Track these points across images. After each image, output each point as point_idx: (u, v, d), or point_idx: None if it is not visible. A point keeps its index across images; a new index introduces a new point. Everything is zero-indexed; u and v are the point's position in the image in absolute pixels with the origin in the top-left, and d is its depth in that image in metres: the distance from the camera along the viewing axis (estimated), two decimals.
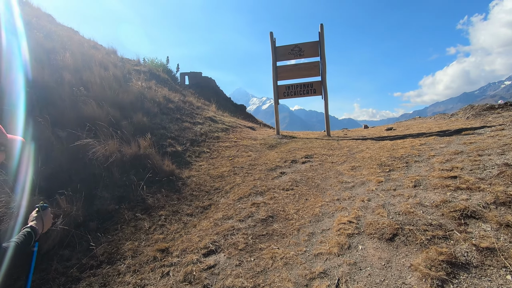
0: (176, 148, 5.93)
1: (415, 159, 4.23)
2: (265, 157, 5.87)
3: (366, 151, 5.35)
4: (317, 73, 8.27)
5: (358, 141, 6.59)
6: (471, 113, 7.80)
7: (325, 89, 8.17)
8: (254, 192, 4.05)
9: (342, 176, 4.23)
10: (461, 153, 4.01)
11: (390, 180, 3.66)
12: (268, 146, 6.97)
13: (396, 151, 4.92)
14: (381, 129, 9.17)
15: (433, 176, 3.44)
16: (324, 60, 8.15)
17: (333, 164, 4.90)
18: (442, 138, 5.21)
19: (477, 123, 6.30)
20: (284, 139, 7.94)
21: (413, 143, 5.26)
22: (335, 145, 6.38)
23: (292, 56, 8.40)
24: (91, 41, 14.43)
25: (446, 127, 6.70)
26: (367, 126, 11.72)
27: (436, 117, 10.80)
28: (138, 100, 7.72)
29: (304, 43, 8.29)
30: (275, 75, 8.53)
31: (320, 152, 5.80)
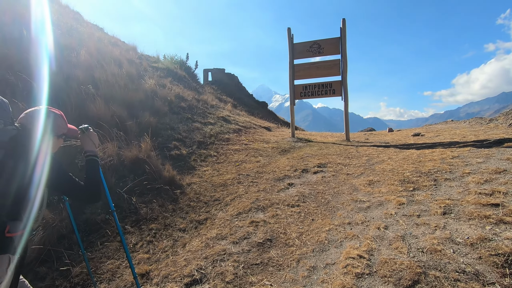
0: (181, 151, 5.64)
1: (446, 176, 3.61)
2: (274, 164, 5.42)
3: (387, 162, 4.74)
4: (337, 72, 7.65)
5: (380, 148, 5.95)
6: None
7: (345, 90, 7.53)
8: (256, 207, 3.63)
9: (357, 192, 3.69)
10: (504, 172, 3.34)
11: (414, 202, 3.10)
12: (280, 150, 6.50)
13: (423, 164, 4.29)
14: (407, 134, 8.37)
15: (468, 201, 2.84)
16: (346, 59, 7.51)
17: (348, 176, 4.36)
18: (479, 150, 4.49)
19: None
20: (298, 142, 7.43)
21: (443, 154, 4.58)
22: (353, 152, 5.79)
23: (311, 53, 7.83)
24: (113, 38, 14.59)
25: (483, 135, 5.87)
26: (392, 129, 10.87)
27: (471, 122, 9.76)
28: (148, 99, 7.54)
29: (324, 39, 7.69)
30: (292, 73, 8.01)
31: (335, 160, 5.25)
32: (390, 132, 10.27)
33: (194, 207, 3.89)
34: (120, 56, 9.86)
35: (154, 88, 8.43)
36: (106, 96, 6.18)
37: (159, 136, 6.00)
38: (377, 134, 10.06)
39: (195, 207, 3.89)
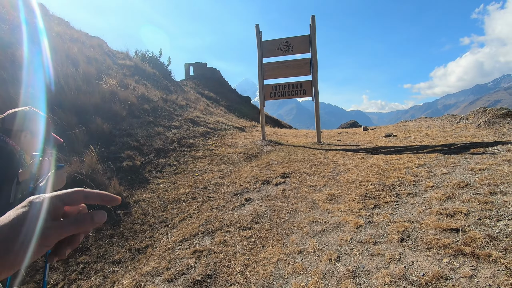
0: (134, 161, 5.15)
1: (409, 191, 3.36)
2: (236, 174, 5.05)
3: (353, 171, 4.48)
4: (307, 71, 7.33)
5: (348, 153, 5.70)
6: (483, 119, 6.79)
7: (316, 90, 7.23)
8: (204, 231, 3.25)
9: (316, 210, 3.39)
10: (467, 186, 3.12)
11: (372, 224, 2.82)
12: (246, 156, 6.14)
13: (388, 174, 4.05)
14: (379, 134, 8.22)
15: (428, 224, 2.58)
16: (316, 58, 7.19)
17: (311, 189, 4.06)
18: (445, 157, 4.30)
19: (490, 135, 5.34)
20: (268, 146, 7.09)
21: (410, 162, 4.37)
22: (320, 158, 5.51)
23: (280, 52, 7.46)
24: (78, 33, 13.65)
25: (452, 138, 5.75)
26: (366, 128, 10.76)
27: (443, 120, 9.76)
28: (105, 102, 6.95)
29: (293, 37, 7.32)
30: (261, 73, 7.62)
31: (301, 169, 4.95)
32: (364, 131, 10.14)
33: (136, 232, 3.46)
34: (79, 53, 9.11)
35: (114, 89, 7.81)
36: (51, 101, 5.57)
37: (111, 145, 5.48)
38: (352, 133, 9.89)
39: (138, 231, 3.46)
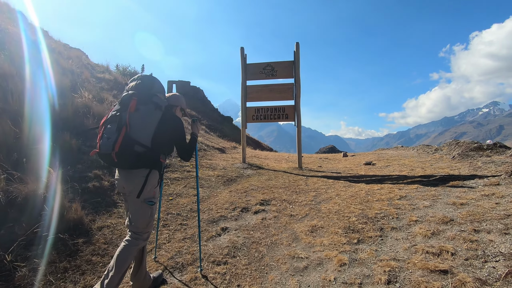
0: (102, 182, 4.73)
1: (392, 224, 3.24)
2: (213, 199, 4.76)
3: (335, 200, 4.34)
4: (290, 96, 7.36)
5: (330, 181, 5.60)
6: (457, 151, 7.02)
7: (298, 115, 7.23)
8: (173, 266, 2.91)
9: (297, 243, 3.16)
10: (451, 222, 3.05)
11: (356, 262, 2.63)
12: (225, 180, 5.87)
13: (371, 205, 3.94)
14: (359, 162, 8.27)
15: (415, 263, 2.42)
16: (299, 83, 7.26)
17: (292, 218, 3.85)
18: (426, 189, 4.28)
19: (465, 167, 5.46)
20: (248, 169, 6.88)
21: (391, 193, 4.31)
22: (301, 185, 5.36)
23: (264, 75, 7.48)
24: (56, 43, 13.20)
25: (430, 169, 5.83)
26: (346, 154, 10.87)
27: (418, 150, 10.07)
28: (77, 116, 6.52)
29: (278, 62, 7.40)
30: (244, 95, 7.55)
31: (281, 196, 4.75)
32: (344, 158, 10.21)
33: (96, 264, 3.04)
34: (54, 64, 8.67)
35: (88, 103, 7.39)
36: (14, 115, 5.10)
37: (79, 163, 5.04)
38: (332, 159, 9.93)
39: (98, 264, 3.05)
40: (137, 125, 2.08)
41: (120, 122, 2.04)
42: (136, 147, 2.03)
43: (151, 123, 2.12)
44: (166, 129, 2.20)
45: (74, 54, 12.52)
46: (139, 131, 2.07)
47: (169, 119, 2.25)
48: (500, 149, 6.18)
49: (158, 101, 2.23)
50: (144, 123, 2.11)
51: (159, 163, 2.23)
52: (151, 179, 2.17)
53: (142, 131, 2.08)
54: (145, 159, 2.10)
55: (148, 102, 2.18)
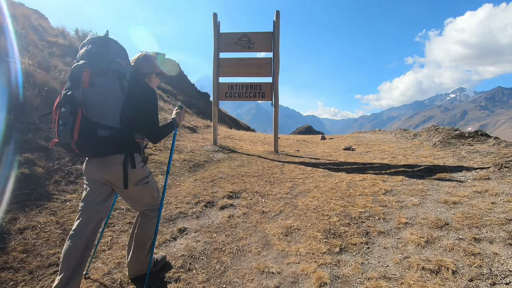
0: (35, 168, 3.86)
1: (379, 228, 2.77)
2: (174, 190, 4.09)
3: (313, 193, 3.83)
4: (268, 72, 6.62)
5: (308, 168, 5.10)
6: (438, 138, 6.77)
7: (276, 94, 6.55)
8: (108, 285, 2.26)
9: (268, 251, 2.61)
10: (446, 226, 2.62)
11: (339, 281, 2.12)
12: (191, 165, 5.18)
13: (353, 200, 3.47)
14: (338, 146, 7.87)
15: (410, 285, 1.96)
16: (278, 58, 6.51)
17: (263, 216, 3.29)
18: (412, 183, 3.88)
19: (449, 157, 5.16)
20: (219, 153, 6.21)
21: (375, 186, 3.87)
22: (277, 173, 4.81)
23: (239, 47, 6.63)
24: None
25: (412, 157, 5.49)
26: (324, 137, 10.48)
27: (396, 134, 9.87)
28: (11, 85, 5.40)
29: (255, 32, 6.55)
30: (217, 69, 6.70)
31: (253, 186, 4.17)
32: (322, 141, 9.81)
33: (5, 283, 2.32)
34: None
35: (29, 70, 6.21)
36: None
37: (7, 143, 4.09)
38: (310, 142, 9.48)
39: (8, 282, 2.33)
40: (96, 104, 1.71)
41: (74, 103, 1.67)
42: (99, 132, 1.69)
43: (115, 98, 1.75)
44: (135, 101, 1.80)
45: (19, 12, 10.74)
46: (101, 111, 1.72)
47: (138, 88, 1.84)
48: (481, 138, 5.95)
49: (119, 69, 1.80)
50: (105, 100, 1.73)
51: (135, 144, 1.90)
52: (131, 164, 1.86)
53: (104, 110, 1.73)
54: (116, 143, 1.76)
55: (106, 72, 1.75)
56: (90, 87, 1.70)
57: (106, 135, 1.70)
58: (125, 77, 1.77)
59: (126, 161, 1.83)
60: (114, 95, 1.73)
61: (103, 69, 1.74)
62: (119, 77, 1.76)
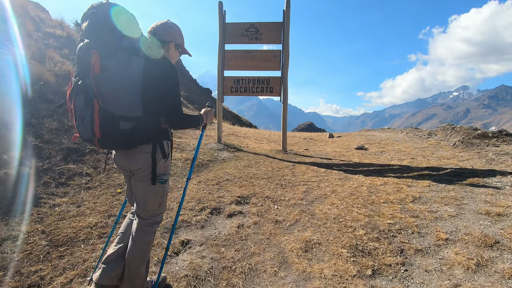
0: (23, 167, 3.48)
1: (416, 244, 2.37)
2: (176, 193, 3.70)
3: (331, 199, 3.44)
4: (276, 66, 6.19)
5: (321, 170, 4.69)
6: (457, 138, 6.35)
7: (285, 90, 6.13)
8: None
9: (286, 271, 2.22)
10: (497, 245, 2.22)
11: None
12: (194, 166, 4.78)
13: (378, 208, 3.07)
14: (349, 145, 7.46)
15: None
16: (288, 50, 6.08)
17: (277, 226, 2.89)
18: (441, 188, 3.48)
19: (475, 159, 4.74)
20: (224, 152, 5.81)
21: (400, 192, 3.46)
22: (288, 175, 4.41)
23: (246, 38, 6.20)
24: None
25: (433, 159, 5.07)
26: (332, 135, 10.06)
27: (408, 133, 9.43)
28: (2, 77, 5.01)
29: (263, 23, 6.12)
30: (222, 62, 6.28)
31: (264, 190, 3.78)
32: (330, 139, 9.40)
33: None
34: None
35: (23, 62, 5.82)
36: None
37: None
38: (317, 140, 9.06)
39: None
40: (111, 92, 1.43)
41: (87, 94, 1.41)
42: (122, 124, 1.45)
43: (132, 81, 1.46)
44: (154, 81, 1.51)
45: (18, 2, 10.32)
46: (119, 100, 1.45)
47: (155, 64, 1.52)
48: (507, 138, 5.53)
49: (132, 44, 1.48)
50: (122, 85, 1.45)
51: (163, 130, 1.67)
52: (159, 153, 1.65)
53: (122, 98, 1.45)
54: (142, 133, 1.53)
55: (116, 50, 1.44)
56: (102, 72, 1.40)
57: (130, 127, 1.46)
58: (139, 53, 1.47)
59: (155, 150, 1.61)
60: (130, 78, 1.45)
61: (113, 47, 1.43)
62: (133, 54, 1.46)
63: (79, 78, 1.43)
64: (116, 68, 1.42)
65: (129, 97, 1.45)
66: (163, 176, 1.72)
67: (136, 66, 1.45)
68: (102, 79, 1.40)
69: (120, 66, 1.43)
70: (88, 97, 1.39)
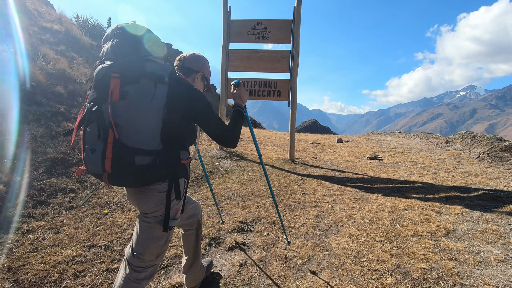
0: None
1: None
2: None
3: (348, 228, 2.96)
4: (285, 68, 5.69)
5: (334, 187, 4.22)
6: (481, 149, 5.82)
7: (293, 94, 5.64)
8: None
9: None
10: None
11: None
12: (192, 178, 4.34)
13: (406, 244, 2.59)
14: (360, 153, 6.95)
15: None
16: (298, 51, 5.58)
17: (287, 266, 2.43)
18: (478, 218, 2.99)
19: (508, 178, 4.21)
20: (226, 160, 5.36)
21: (429, 221, 2.98)
22: (297, 193, 3.94)
23: (253, 37, 5.70)
24: None
25: (458, 175, 4.56)
26: (341, 139, 9.55)
27: (422, 139, 8.90)
28: None
29: (272, 20, 5.61)
30: (225, 62, 5.80)
31: (271, 214, 3.31)
32: (339, 144, 8.90)
33: None
34: None
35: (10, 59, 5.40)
36: None
37: None
38: (326, 145, 8.57)
39: None
40: (129, 122, 1.24)
41: (103, 123, 1.21)
42: (138, 159, 1.24)
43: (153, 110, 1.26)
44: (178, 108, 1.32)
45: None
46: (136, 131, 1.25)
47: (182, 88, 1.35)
48: None
49: (156, 70, 1.30)
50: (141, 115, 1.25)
51: (181, 166, 1.43)
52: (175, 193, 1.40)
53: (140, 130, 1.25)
54: (160, 170, 1.30)
55: (140, 77, 1.26)
56: (121, 99, 1.25)
57: (147, 163, 1.27)
58: (163, 80, 1.30)
59: (170, 189, 1.39)
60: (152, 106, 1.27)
61: (136, 73, 1.28)
62: (157, 81, 1.29)
63: (94, 103, 1.27)
64: (137, 95, 1.25)
65: (147, 127, 1.27)
66: (172, 222, 1.46)
67: (159, 93, 1.28)
68: (121, 107, 1.24)
69: (141, 93, 1.26)
70: (103, 126, 1.22)
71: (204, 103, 1.41)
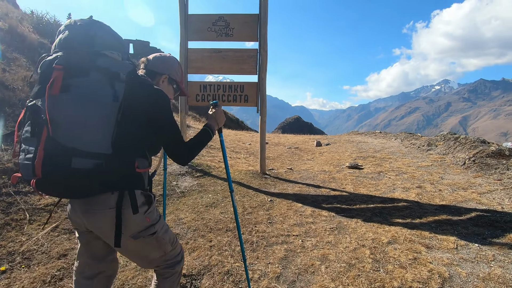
0: None
1: None
2: None
3: (321, 275, 2.32)
4: (252, 69, 5.00)
5: (307, 211, 3.59)
6: (465, 155, 5.40)
7: (263, 98, 4.97)
8: None
9: None
10: None
11: None
12: None
13: None
14: (339, 160, 6.41)
15: None
16: (266, 50, 4.90)
17: None
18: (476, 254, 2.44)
19: (500, 191, 3.75)
20: (186, 178, 4.62)
21: (419, 263, 2.40)
22: (263, 223, 3.28)
23: (214, 34, 4.97)
24: None
25: (445, 189, 4.07)
26: (320, 143, 9.01)
27: (403, 140, 8.52)
28: None
29: (235, 14, 4.90)
30: (184, 63, 5.04)
31: (225, 259, 2.62)
32: (318, 148, 8.35)
33: None
34: None
35: None
36: None
37: None
38: (304, 151, 7.99)
39: None
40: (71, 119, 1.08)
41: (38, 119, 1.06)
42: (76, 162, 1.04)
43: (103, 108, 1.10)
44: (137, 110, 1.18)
45: None
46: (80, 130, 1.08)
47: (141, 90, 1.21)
48: None
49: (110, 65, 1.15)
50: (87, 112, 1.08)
51: (136, 175, 1.22)
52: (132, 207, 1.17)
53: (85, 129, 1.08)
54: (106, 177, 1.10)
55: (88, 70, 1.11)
56: (63, 93, 1.06)
57: (88, 167, 1.04)
58: (118, 77, 1.13)
59: (121, 203, 1.14)
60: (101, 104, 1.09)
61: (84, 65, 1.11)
62: (110, 76, 1.11)
63: (34, 98, 1.11)
64: (83, 89, 1.08)
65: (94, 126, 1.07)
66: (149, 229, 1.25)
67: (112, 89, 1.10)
68: (61, 101, 1.05)
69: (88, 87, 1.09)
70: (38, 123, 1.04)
71: (164, 107, 1.28)
